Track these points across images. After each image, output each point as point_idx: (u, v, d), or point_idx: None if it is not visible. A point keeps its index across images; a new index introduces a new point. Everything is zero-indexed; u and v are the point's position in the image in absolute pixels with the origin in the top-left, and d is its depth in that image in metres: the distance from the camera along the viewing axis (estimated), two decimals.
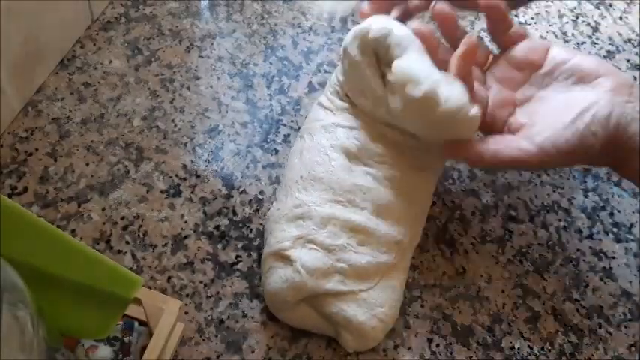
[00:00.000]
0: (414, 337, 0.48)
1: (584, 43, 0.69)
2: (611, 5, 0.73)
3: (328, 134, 0.50)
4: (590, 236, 0.55)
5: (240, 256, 0.51)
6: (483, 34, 0.67)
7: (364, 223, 0.46)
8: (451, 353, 0.48)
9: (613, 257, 0.54)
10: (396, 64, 0.45)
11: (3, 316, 0.29)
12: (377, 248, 0.46)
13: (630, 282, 0.53)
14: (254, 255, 0.51)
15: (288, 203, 0.48)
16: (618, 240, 0.55)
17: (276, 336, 0.47)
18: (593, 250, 0.55)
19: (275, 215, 0.48)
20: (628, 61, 0.68)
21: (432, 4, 0.47)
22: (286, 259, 0.46)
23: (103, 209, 0.52)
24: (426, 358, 0.48)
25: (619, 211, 0.57)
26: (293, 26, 0.66)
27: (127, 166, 0.54)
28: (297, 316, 0.46)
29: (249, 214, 0.53)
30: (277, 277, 0.46)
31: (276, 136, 0.58)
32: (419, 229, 0.51)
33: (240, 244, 0.51)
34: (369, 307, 0.45)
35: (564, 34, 0.70)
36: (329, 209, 0.47)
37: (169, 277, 0.49)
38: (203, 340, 0.47)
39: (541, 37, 0.69)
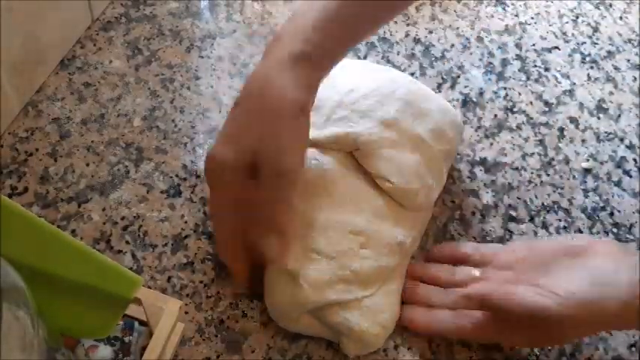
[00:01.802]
0: (414, 337, 0.48)
1: (584, 43, 0.69)
2: (611, 5, 0.73)
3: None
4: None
5: None
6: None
7: (364, 226, 0.46)
8: (451, 353, 0.48)
9: None
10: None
11: (3, 316, 0.29)
12: (379, 251, 0.46)
13: None
14: None
15: None
16: (618, 240, 0.55)
17: (276, 336, 0.47)
18: None
19: None
20: (628, 61, 0.68)
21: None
22: (289, 273, 0.45)
23: (103, 209, 0.52)
24: (427, 358, 0.48)
25: (619, 211, 0.57)
26: None
27: (127, 166, 0.54)
28: (300, 326, 0.46)
29: None
30: (280, 291, 0.45)
31: None
32: (419, 232, 0.50)
33: None
34: (372, 314, 0.45)
35: (564, 34, 0.70)
36: (327, 214, 0.46)
37: (169, 277, 0.49)
38: (203, 340, 0.47)
39: (541, 37, 0.69)
